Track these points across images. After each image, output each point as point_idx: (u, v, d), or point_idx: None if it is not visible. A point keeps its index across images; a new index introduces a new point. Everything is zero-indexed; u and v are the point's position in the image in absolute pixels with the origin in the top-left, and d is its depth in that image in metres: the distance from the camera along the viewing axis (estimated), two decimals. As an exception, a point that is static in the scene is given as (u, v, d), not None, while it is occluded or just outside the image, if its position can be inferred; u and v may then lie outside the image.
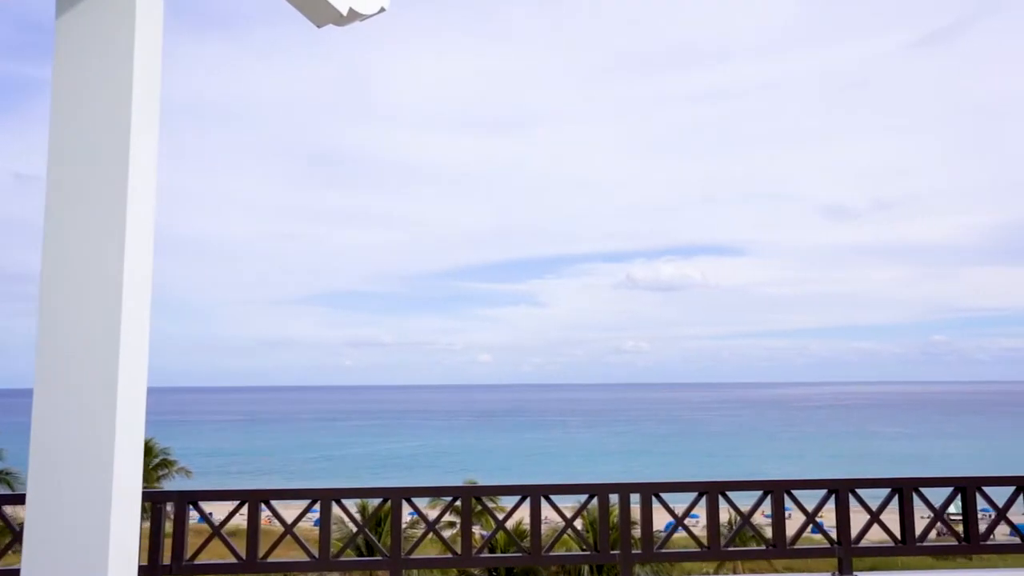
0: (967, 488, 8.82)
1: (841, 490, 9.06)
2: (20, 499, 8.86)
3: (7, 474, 43.03)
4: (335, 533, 37.37)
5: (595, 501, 9.33)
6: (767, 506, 9.28)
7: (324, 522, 8.73)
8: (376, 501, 10.14)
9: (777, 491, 8.99)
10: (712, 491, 8.86)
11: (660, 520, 10.46)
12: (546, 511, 9.33)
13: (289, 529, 8.90)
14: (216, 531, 9.33)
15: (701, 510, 9.39)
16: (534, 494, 8.79)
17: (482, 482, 58.56)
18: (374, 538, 9.96)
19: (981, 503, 8.70)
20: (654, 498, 9.24)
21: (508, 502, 9.87)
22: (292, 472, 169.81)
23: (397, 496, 8.86)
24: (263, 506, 9.38)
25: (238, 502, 9.61)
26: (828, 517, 8.87)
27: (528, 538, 9.05)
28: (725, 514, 9.71)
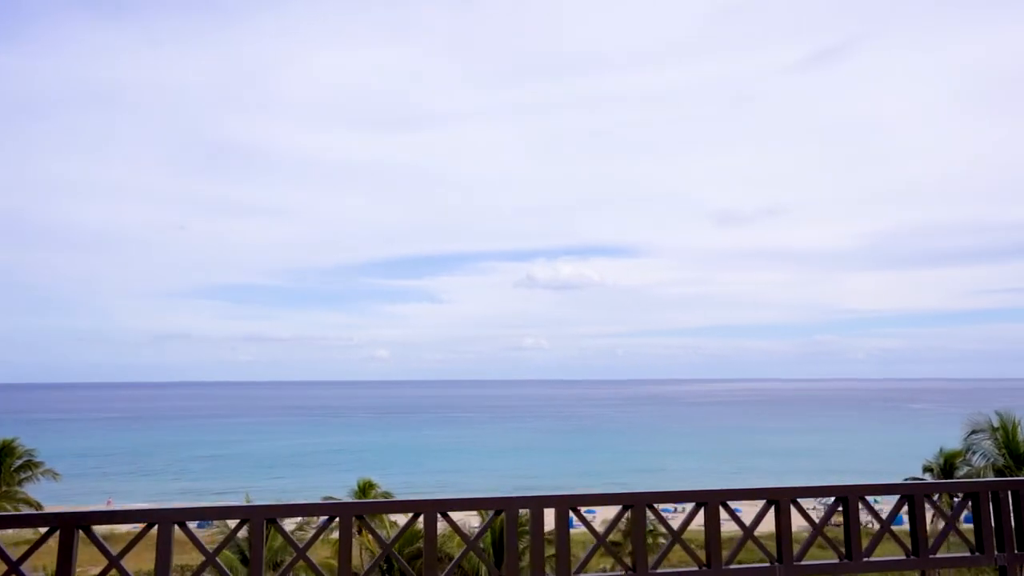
0: (915, 496, 7.69)
1: (782, 500, 7.82)
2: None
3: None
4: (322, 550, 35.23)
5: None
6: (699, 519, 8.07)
7: (344, 544, 6.81)
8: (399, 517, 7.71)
9: (784, 500, 7.67)
10: (712, 501, 7.59)
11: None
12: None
13: (301, 553, 6.79)
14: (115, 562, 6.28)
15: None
16: (638, 503, 7.39)
17: (380, 481, 56.85)
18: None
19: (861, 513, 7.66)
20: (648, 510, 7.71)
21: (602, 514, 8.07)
22: (177, 472, 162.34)
23: (431, 509, 6.96)
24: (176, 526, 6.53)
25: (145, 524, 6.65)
26: (766, 526, 7.87)
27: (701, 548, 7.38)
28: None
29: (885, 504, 8.70)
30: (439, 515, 6.94)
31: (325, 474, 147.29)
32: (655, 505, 7.74)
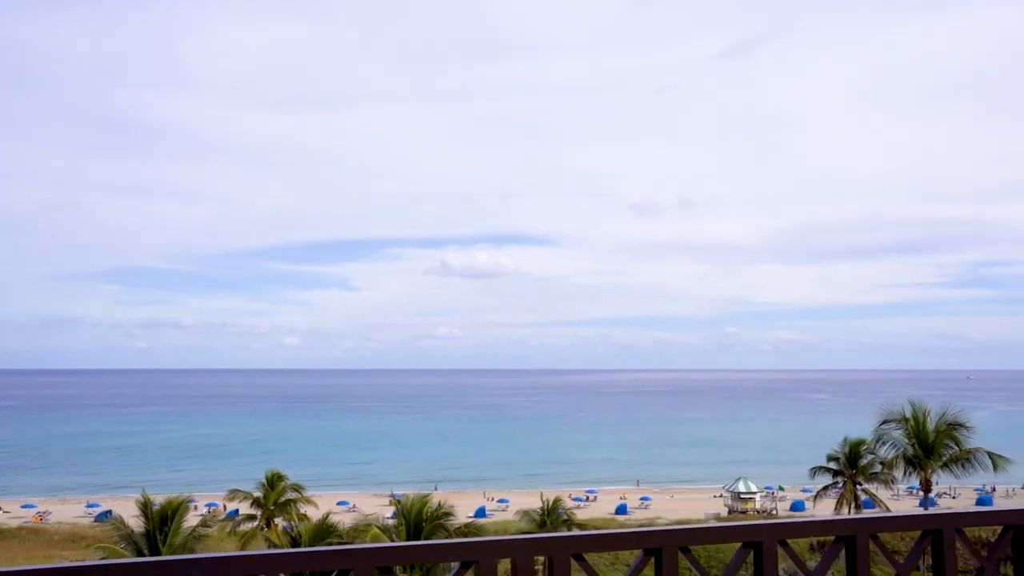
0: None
1: (944, 530, 4.93)
2: None
3: None
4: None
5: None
6: None
7: None
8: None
9: (861, 536, 5.30)
10: (767, 538, 5.11)
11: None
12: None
13: None
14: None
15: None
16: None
17: (289, 474, 54.87)
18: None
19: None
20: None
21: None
22: (71, 466, 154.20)
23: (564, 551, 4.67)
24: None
25: None
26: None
27: None
28: None
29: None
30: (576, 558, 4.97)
31: (231, 465, 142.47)
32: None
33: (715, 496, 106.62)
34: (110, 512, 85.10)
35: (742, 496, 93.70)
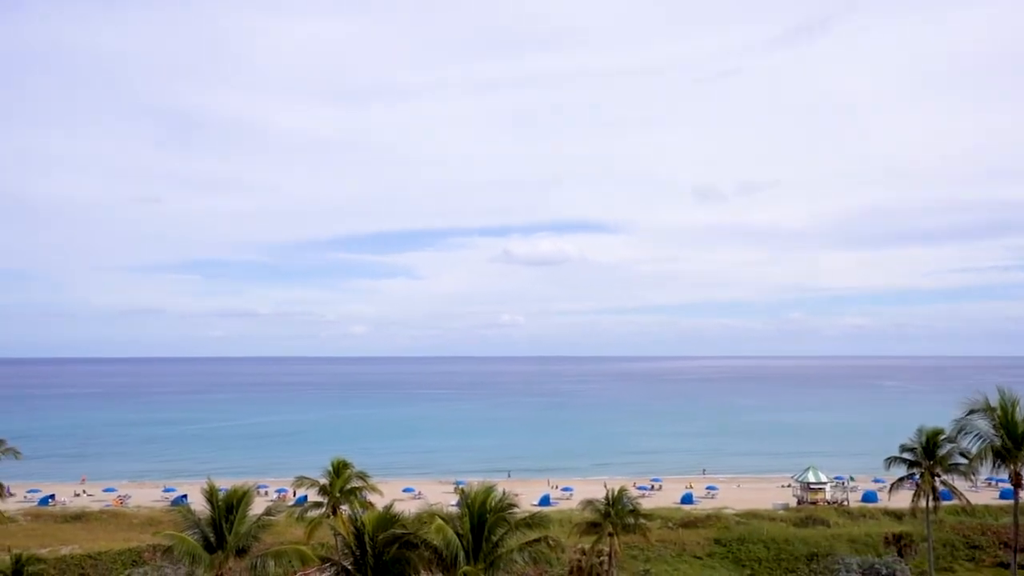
0: None
1: None
2: None
3: None
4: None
5: None
6: None
7: None
8: None
9: None
10: None
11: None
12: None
13: None
14: None
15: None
16: None
17: (355, 461, 55.49)
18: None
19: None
20: None
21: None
22: (150, 452, 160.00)
23: None
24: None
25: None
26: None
27: None
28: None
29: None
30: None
31: (299, 451, 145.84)
32: None
33: (783, 486, 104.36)
34: (185, 497, 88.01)
35: (811, 486, 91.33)
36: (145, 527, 73.98)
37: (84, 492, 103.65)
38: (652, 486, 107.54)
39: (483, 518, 29.94)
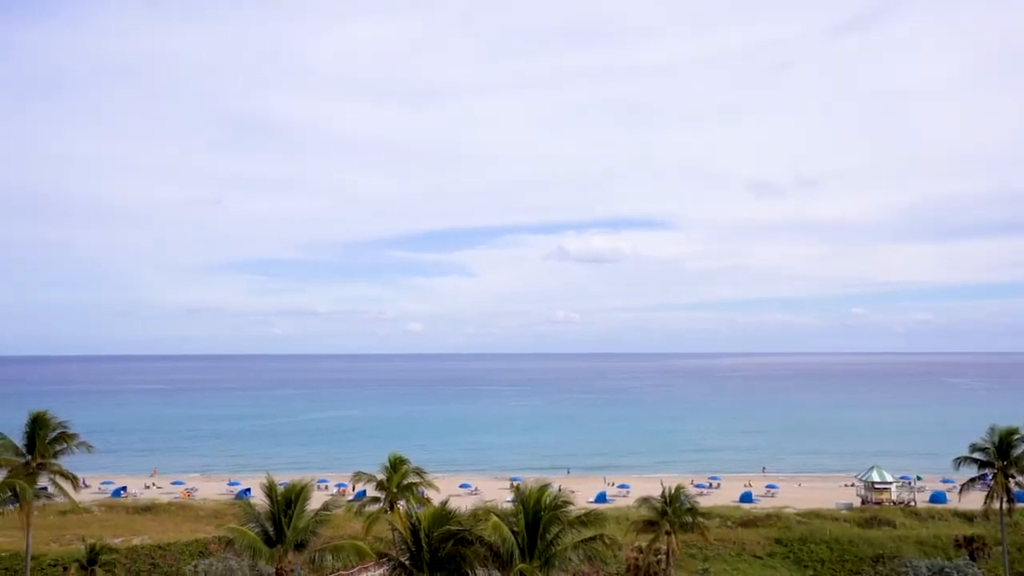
0: None
1: None
2: None
3: None
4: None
5: None
6: None
7: None
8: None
9: None
10: None
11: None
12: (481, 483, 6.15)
13: None
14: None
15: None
16: None
17: (413, 456, 56.17)
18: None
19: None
20: None
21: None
22: (216, 446, 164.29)
23: None
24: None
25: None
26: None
27: None
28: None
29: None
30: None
31: (358, 446, 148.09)
32: None
33: (846, 485, 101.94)
34: (249, 491, 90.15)
35: (876, 486, 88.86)
36: (211, 519, 76.05)
37: (154, 485, 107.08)
38: (710, 484, 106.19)
39: (538, 515, 29.86)
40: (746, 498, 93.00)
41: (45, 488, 54.40)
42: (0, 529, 57.81)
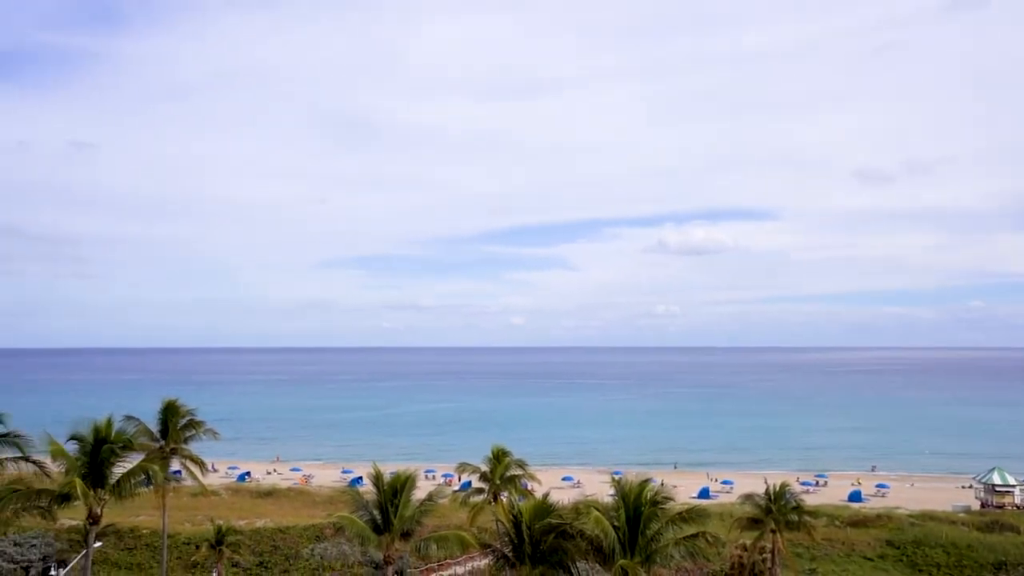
0: None
1: None
2: None
3: (16, 436, 42.03)
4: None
5: None
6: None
7: None
8: None
9: None
10: None
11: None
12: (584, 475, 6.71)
13: None
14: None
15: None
16: None
17: (516, 448, 57.44)
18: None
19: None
20: None
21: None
22: (328, 435, 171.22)
23: None
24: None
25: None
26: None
27: None
28: None
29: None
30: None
31: (463, 437, 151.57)
32: None
33: (963, 487, 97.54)
34: (361, 479, 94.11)
35: (997, 488, 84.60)
36: (326, 505, 79.97)
37: (275, 471, 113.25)
38: (816, 482, 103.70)
39: (639, 510, 29.78)
40: (855, 497, 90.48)
41: (179, 472, 58.91)
42: (141, 508, 62.84)
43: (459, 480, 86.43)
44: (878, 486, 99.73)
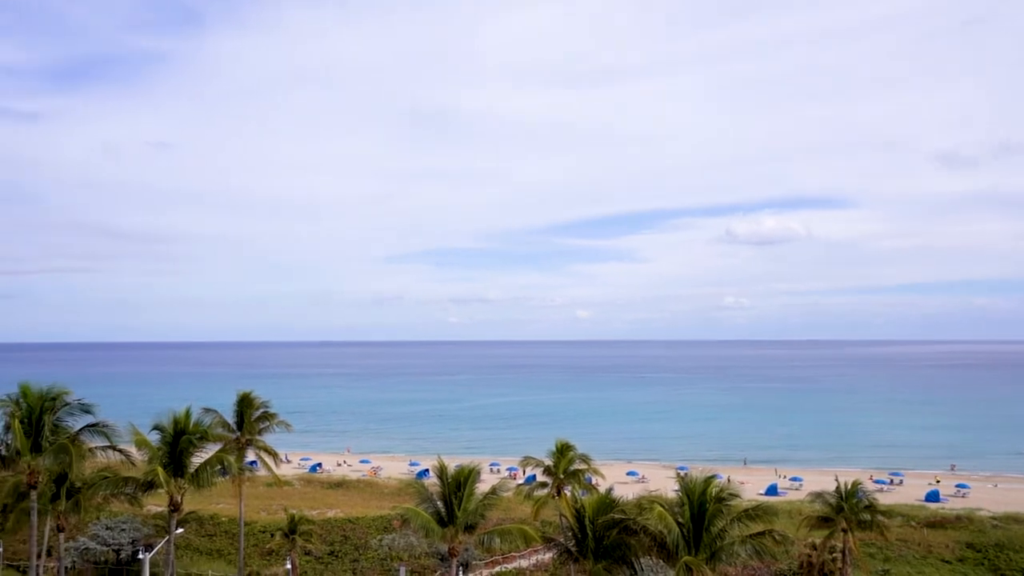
0: None
1: None
2: None
3: (104, 426, 44.23)
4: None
5: None
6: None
7: None
8: None
9: None
10: None
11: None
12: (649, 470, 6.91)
13: None
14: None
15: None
16: None
17: (581, 442, 57.52)
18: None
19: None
20: None
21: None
22: (397, 427, 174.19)
23: None
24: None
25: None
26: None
27: None
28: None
29: None
30: None
31: (529, 431, 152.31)
32: None
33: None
34: (427, 471, 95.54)
35: None
36: (394, 497, 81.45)
37: (345, 462, 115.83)
38: (891, 481, 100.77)
39: (703, 507, 29.38)
40: (932, 497, 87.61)
41: (254, 463, 60.98)
42: (220, 496, 65.32)
43: (523, 474, 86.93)
44: (958, 486, 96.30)
